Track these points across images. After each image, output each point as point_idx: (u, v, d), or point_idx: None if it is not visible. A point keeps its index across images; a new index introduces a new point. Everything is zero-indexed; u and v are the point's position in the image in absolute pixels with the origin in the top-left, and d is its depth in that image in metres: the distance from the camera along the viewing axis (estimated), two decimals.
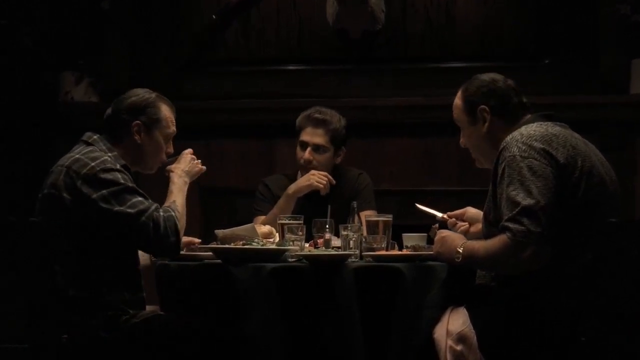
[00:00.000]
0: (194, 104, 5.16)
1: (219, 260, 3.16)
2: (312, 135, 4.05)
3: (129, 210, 3.03)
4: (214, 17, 5.28)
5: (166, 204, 3.17)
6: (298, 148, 4.10)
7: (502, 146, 2.90)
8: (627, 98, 4.96)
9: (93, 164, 3.07)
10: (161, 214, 3.07)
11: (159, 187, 3.33)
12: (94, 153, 3.13)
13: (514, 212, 2.74)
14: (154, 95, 3.29)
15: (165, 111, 3.29)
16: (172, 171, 3.32)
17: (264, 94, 5.25)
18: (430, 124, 5.08)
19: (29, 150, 5.14)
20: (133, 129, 3.23)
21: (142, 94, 3.28)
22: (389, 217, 3.41)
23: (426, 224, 3.41)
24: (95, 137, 3.22)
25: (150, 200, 3.10)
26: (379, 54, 5.24)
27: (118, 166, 3.12)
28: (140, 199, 3.07)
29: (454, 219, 3.36)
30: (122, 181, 3.07)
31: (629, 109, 4.95)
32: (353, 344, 2.97)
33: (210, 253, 3.23)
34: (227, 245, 3.21)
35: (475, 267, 2.99)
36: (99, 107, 5.08)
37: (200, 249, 3.36)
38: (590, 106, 4.94)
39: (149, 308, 3.20)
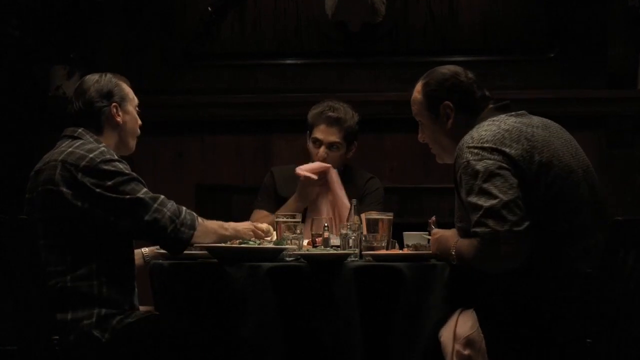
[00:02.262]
0: (189, 98, 5.16)
1: (214, 260, 3.16)
2: (326, 134, 4.07)
3: (140, 195, 3.08)
4: (209, 9, 5.28)
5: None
6: (311, 144, 4.12)
7: (456, 153, 2.91)
8: (635, 93, 4.96)
9: (91, 155, 3.09)
10: (182, 207, 3.14)
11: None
12: (88, 145, 3.15)
13: (478, 216, 2.75)
14: (110, 75, 3.34)
15: (126, 85, 3.35)
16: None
17: (260, 88, 5.25)
18: None
19: (18, 146, 5.14)
20: (113, 112, 3.26)
21: (98, 78, 3.31)
22: (389, 215, 3.41)
23: (427, 223, 3.40)
24: (80, 130, 3.24)
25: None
26: (379, 47, 5.24)
27: (116, 156, 3.15)
28: (146, 189, 3.12)
29: None
30: (126, 171, 3.11)
31: (637, 104, 4.96)
32: (352, 346, 2.97)
33: (205, 252, 3.23)
34: (222, 244, 3.21)
35: (464, 265, 2.99)
36: None
37: (195, 248, 3.36)
38: (597, 101, 4.95)
39: (142, 308, 3.21)
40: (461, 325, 2.92)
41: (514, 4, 5.16)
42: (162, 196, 3.13)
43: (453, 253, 2.93)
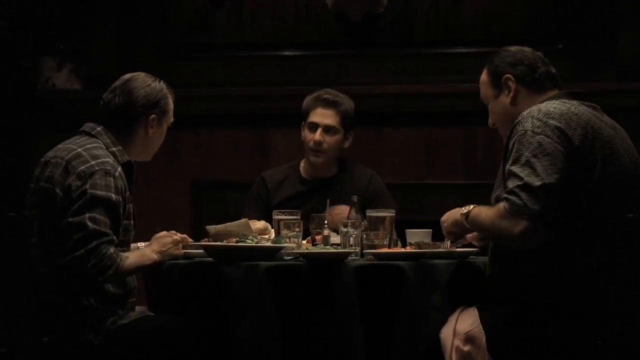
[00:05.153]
0: (184, 91, 5.11)
1: (210, 259, 3.17)
2: (322, 116, 4.08)
3: (88, 224, 3.00)
4: None
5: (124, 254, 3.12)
6: (306, 131, 4.11)
7: (517, 120, 2.92)
8: None
9: (93, 162, 3.09)
10: (110, 250, 3.01)
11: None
12: (97, 150, 3.14)
13: (514, 185, 2.78)
14: (162, 84, 3.33)
15: (172, 101, 3.35)
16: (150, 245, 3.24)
17: (258, 81, 5.25)
18: (434, 113, 5.09)
19: (6, 141, 5.13)
20: (149, 123, 3.27)
21: (151, 83, 3.30)
22: (391, 213, 3.42)
23: (430, 220, 3.41)
24: (98, 129, 3.23)
25: (111, 229, 3.05)
26: (380, 39, 5.24)
27: (119, 170, 3.13)
28: (106, 220, 3.04)
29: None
30: (109, 195, 3.05)
31: None
32: (353, 347, 2.98)
33: (201, 251, 3.23)
34: (219, 243, 3.21)
35: (476, 228, 3.03)
36: (82, 94, 5.11)
37: (191, 246, 3.36)
38: (607, 94, 4.91)
39: (137, 309, 3.22)
40: (462, 322, 2.94)
41: None
42: (106, 238, 3.02)
43: (470, 207, 2.97)
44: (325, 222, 3.42)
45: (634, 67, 4.97)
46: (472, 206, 2.98)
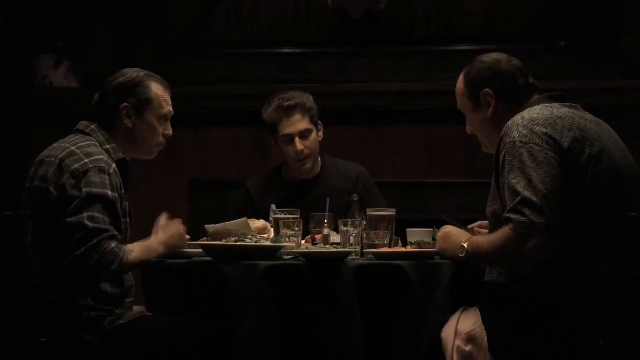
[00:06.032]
0: (182, 90, 5.13)
1: (209, 258, 3.16)
2: (293, 125, 4.03)
3: (87, 223, 2.99)
4: None
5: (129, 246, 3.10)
6: (283, 145, 4.07)
7: (503, 132, 2.91)
8: None
9: (87, 160, 3.07)
10: (111, 245, 2.99)
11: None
12: (91, 148, 3.13)
13: (514, 203, 2.76)
14: (142, 73, 3.27)
15: (157, 90, 3.26)
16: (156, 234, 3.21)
17: (257, 79, 5.25)
18: (435, 111, 5.08)
19: (2, 139, 5.13)
20: (122, 113, 3.22)
21: (130, 73, 3.26)
22: (392, 212, 3.41)
23: (431, 219, 3.40)
24: (92, 127, 3.21)
25: (111, 225, 3.04)
26: (381, 36, 5.24)
27: (113, 167, 3.11)
28: (105, 217, 3.02)
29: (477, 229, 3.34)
30: (104, 192, 3.03)
31: None
32: (353, 347, 2.98)
33: (200, 250, 3.23)
34: (217, 242, 3.21)
35: (481, 262, 3.00)
36: (80, 93, 5.11)
37: (189, 246, 3.36)
38: (610, 92, 4.93)
39: (135, 309, 3.22)
40: (463, 322, 2.94)
41: None
42: (107, 234, 3.00)
43: (465, 245, 2.92)
44: (325, 221, 3.41)
45: (636, 65, 4.97)
46: (465, 243, 2.93)
